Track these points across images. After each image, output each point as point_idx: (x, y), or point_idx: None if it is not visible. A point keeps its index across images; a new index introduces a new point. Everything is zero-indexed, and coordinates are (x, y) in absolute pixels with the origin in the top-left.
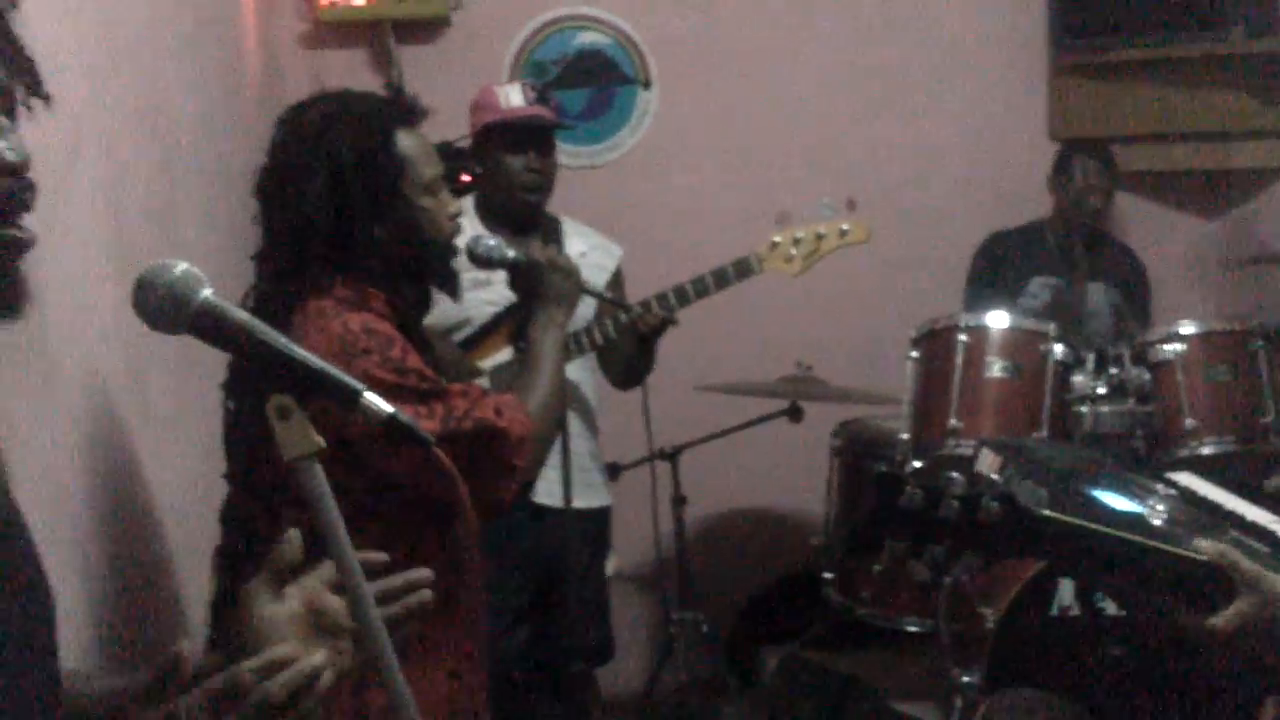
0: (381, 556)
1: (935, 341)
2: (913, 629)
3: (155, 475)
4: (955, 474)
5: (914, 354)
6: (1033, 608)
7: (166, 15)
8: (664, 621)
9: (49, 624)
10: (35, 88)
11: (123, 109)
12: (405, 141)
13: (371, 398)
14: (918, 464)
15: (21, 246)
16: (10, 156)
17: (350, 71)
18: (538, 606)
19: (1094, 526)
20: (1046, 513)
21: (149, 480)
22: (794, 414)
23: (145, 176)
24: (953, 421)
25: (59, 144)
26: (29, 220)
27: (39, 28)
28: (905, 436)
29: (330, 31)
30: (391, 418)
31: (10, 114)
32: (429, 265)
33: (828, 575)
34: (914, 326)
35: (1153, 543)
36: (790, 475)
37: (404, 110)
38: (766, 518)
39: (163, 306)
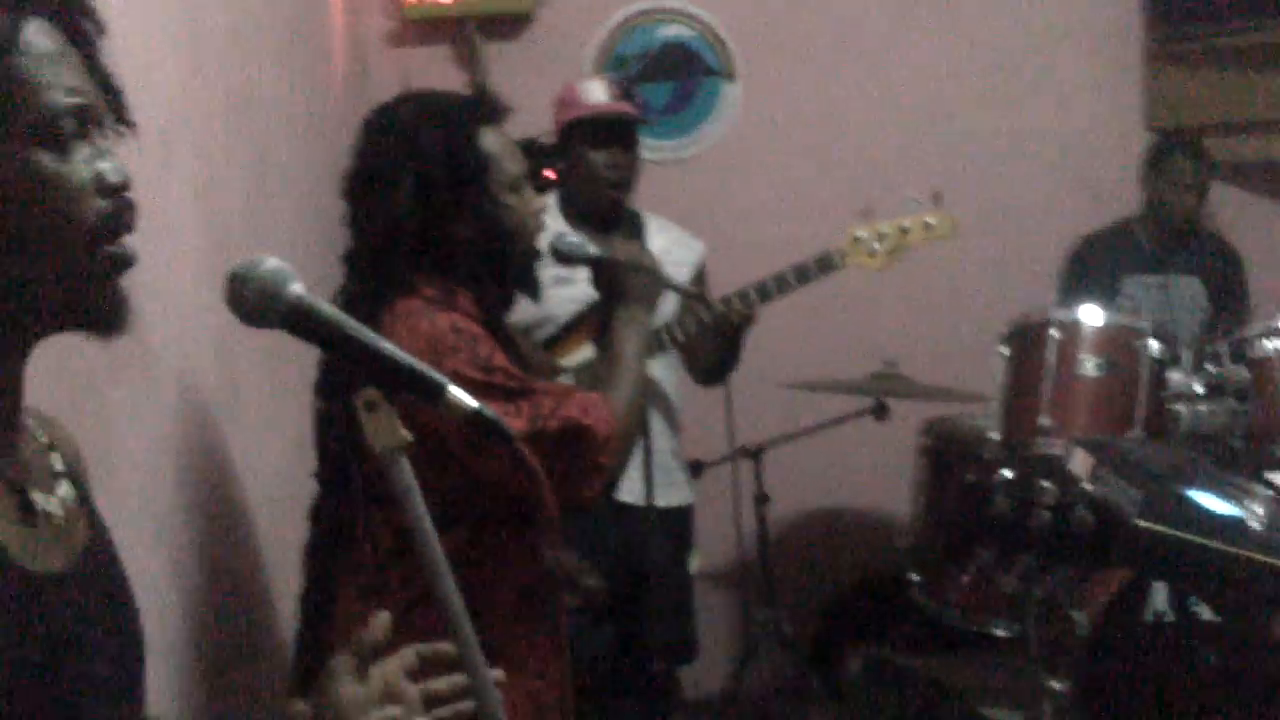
0: (449, 649)
1: (1026, 337)
2: (1002, 634)
3: (247, 473)
4: (1046, 483)
5: (1004, 350)
6: (1125, 614)
7: (256, 15)
8: (746, 621)
9: (134, 663)
10: (121, 116)
11: (213, 110)
12: (489, 140)
13: (456, 392)
14: (1007, 473)
15: (123, 265)
16: (112, 178)
17: (435, 68)
18: (620, 605)
19: (1189, 537)
20: (1141, 523)
21: (241, 478)
22: (879, 412)
23: (237, 176)
24: (1044, 420)
25: (152, 146)
26: (129, 240)
27: (129, 31)
28: (994, 435)
29: (416, 29)
30: (476, 412)
31: (107, 136)
32: (512, 263)
33: (914, 577)
34: (1003, 322)
35: (1249, 553)
36: (875, 474)
37: (488, 108)
38: (850, 517)
39: (254, 300)
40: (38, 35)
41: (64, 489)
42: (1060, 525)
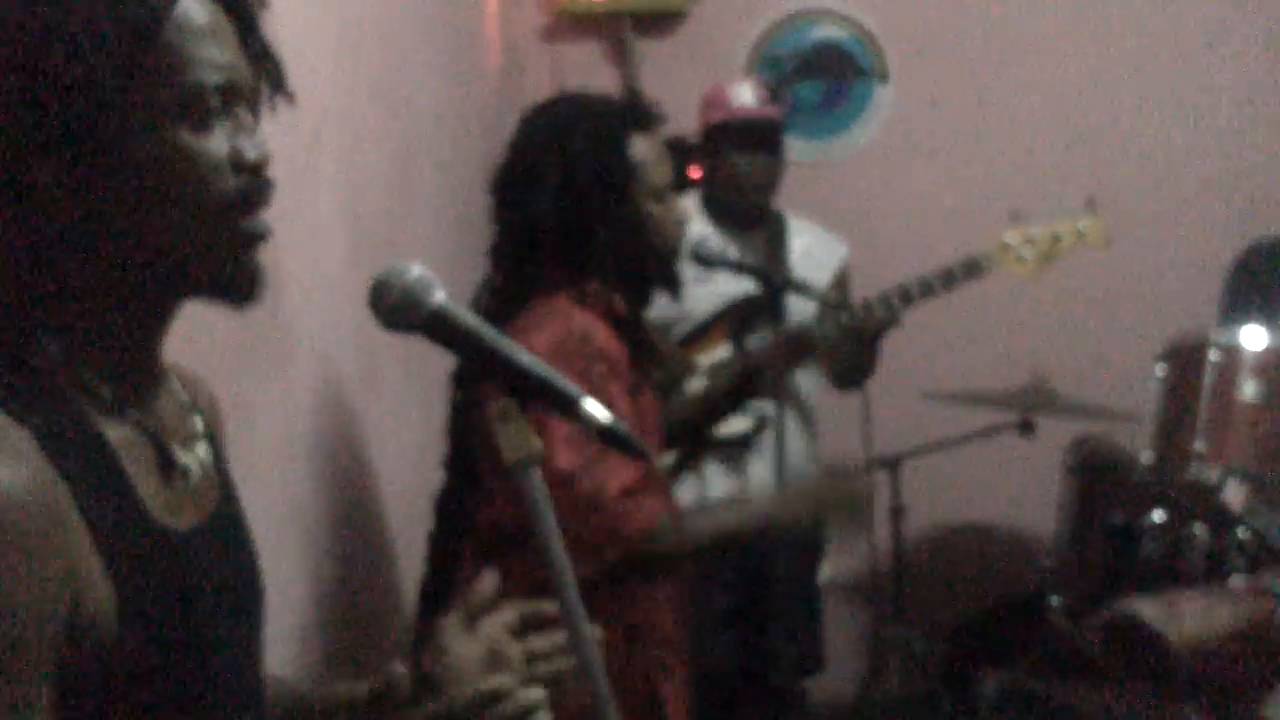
0: (550, 608)
1: (1183, 358)
2: None
3: (382, 464)
4: (1199, 528)
5: (1159, 370)
6: None
7: (410, 7)
8: (876, 636)
9: (255, 622)
10: (279, 86)
11: (363, 99)
12: (639, 147)
13: (591, 404)
14: (1158, 517)
15: (257, 239)
16: (251, 155)
17: (588, 64)
18: (745, 612)
19: None
20: None
21: (375, 468)
22: (1025, 428)
23: (383, 166)
24: (1199, 445)
25: (301, 132)
26: (264, 215)
27: (282, 17)
28: (1146, 459)
29: (569, 24)
30: (609, 427)
31: (255, 111)
32: (652, 269)
33: (1055, 600)
34: (1160, 339)
35: None
36: (1018, 492)
37: (641, 115)
38: (990, 534)
39: (397, 308)
40: (193, 7)
41: (202, 449)
42: (1212, 572)
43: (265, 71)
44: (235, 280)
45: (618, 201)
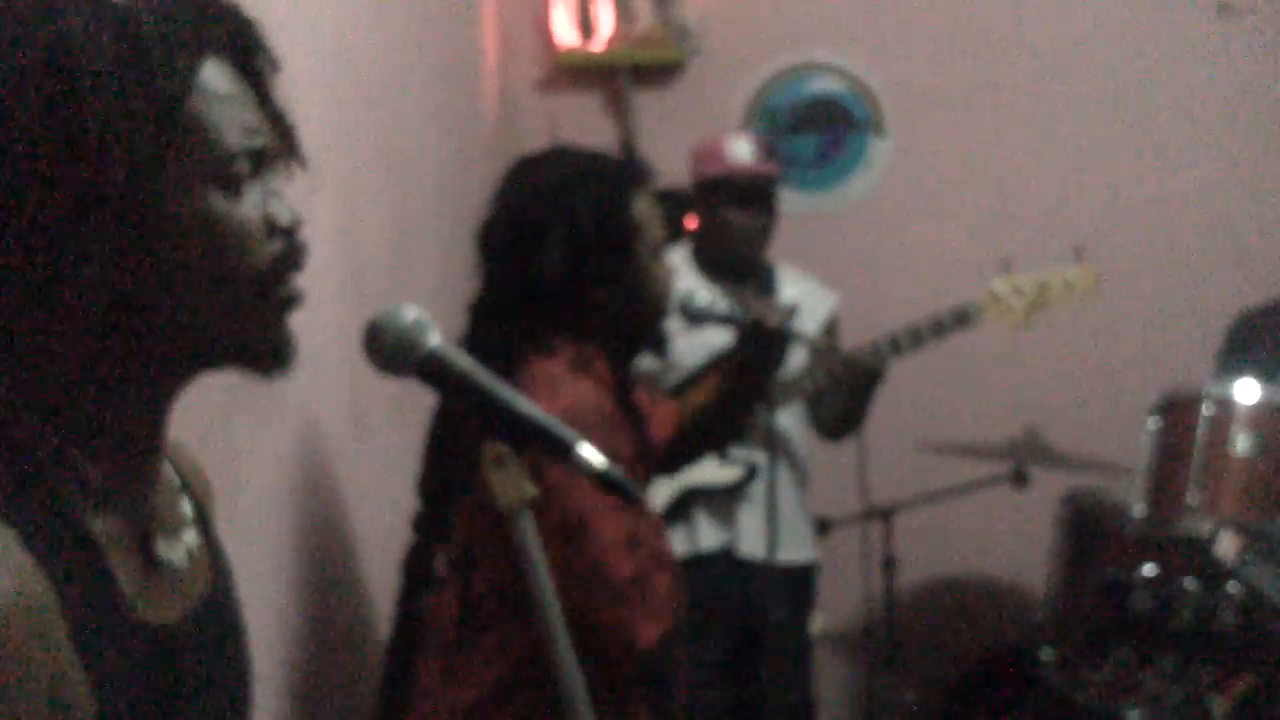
0: None
1: (1176, 411)
2: (1136, 716)
3: (369, 513)
4: (1189, 582)
5: (1152, 423)
6: (1264, 705)
7: (408, 58)
8: (869, 688)
9: (242, 714)
10: (292, 151)
11: (360, 150)
12: (640, 205)
13: (586, 449)
14: (1149, 571)
15: (291, 305)
16: (284, 219)
17: (585, 115)
18: (737, 663)
19: None
20: None
21: (363, 518)
22: (1018, 479)
23: (380, 216)
24: (1191, 498)
25: (297, 185)
26: (297, 280)
27: (283, 69)
28: (1138, 511)
29: (567, 75)
30: (603, 473)
31: (274, 174)
32: (646, 327)
33: (1047, 654)
34: (1153, 391)
35: None
36: (1011, 544)
37: (639, 172)
38: (983, 587)
39: (392, 351)
40: (214, 76)
41: (190, 536)
42: (1203, 625)
43: (281, 136)
44: (268, 350)
45: (622, 262)
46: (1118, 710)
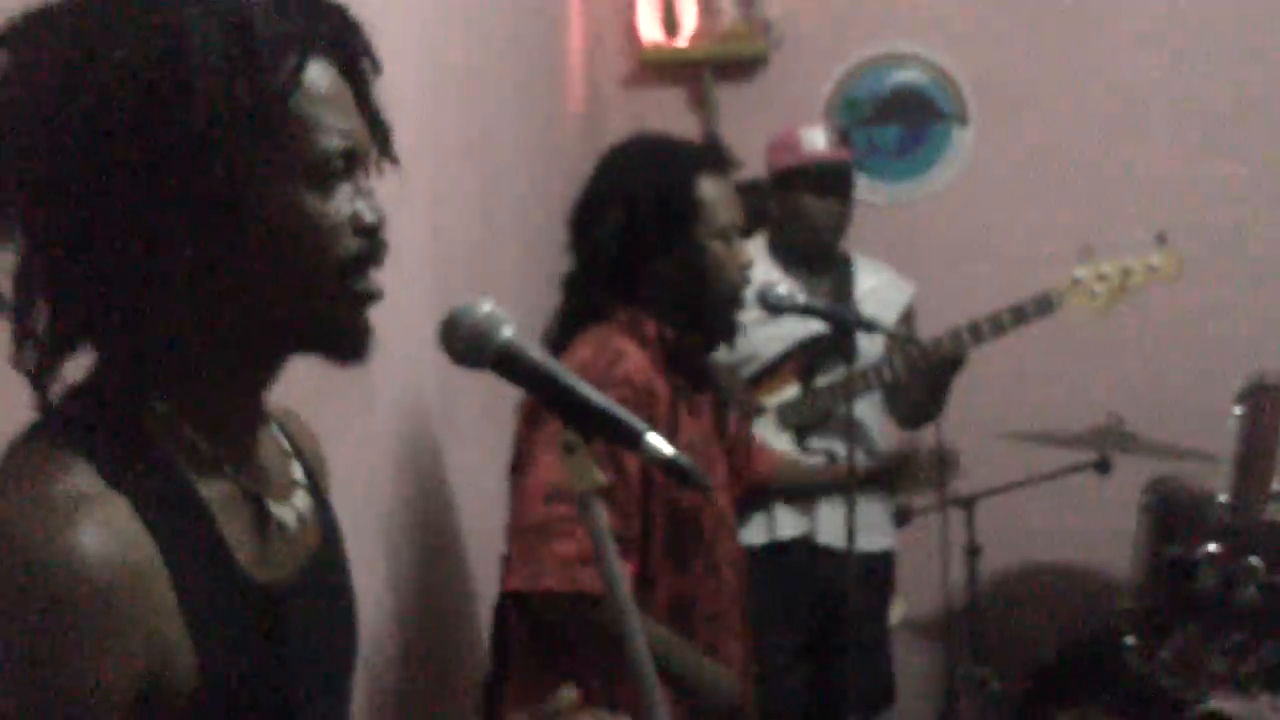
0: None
1: (1263, 397)
2: (1217, 705)
3: (461, 501)
4: (1254, 559)
5: (1237, 409)
6: None
7: (496, 54)
8: (950, 675)
9: (345, 676)
10: (387, 152)
11: (450, 146)
12: (707, 187)
13: (654, 439)
14: (1213, 547)
15: (369, 299)
16: (368, 218)
17: (670, 110)
18: (816, 649)
19: None
20: None
21: (455, 506)
22: (1102, 467)
23: (468, 211)
24: (1277, 485)
25: (389, 179)
26: (377, 276)
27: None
28: (1224, 499)
29: (652, 71)
30: (672, 460)
31: (365, 173)
32: (709, 309)
33: (1129, 640)
34: (1240, 378)
35: None
36: (1095, 532)
37: (712, 157)
38: (1067, 574)
39: (467, 344)
40: (319, 75)
41: (300, 498)
42: (1269, 601)
43: (376, 136)
44: (346, 340)
45: (678, 237)
46: (1201, 695)
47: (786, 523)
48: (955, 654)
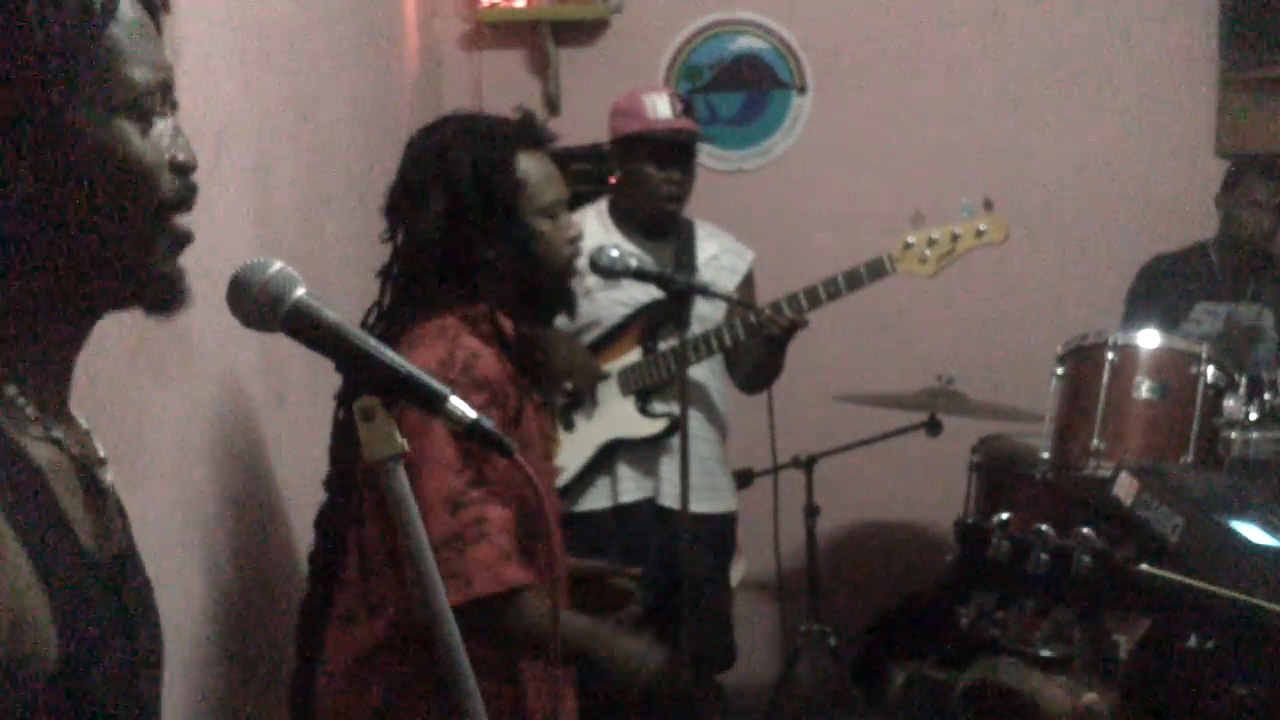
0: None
1: (1082, 359)
2: (1047, 654)
3: (286, 479)
4: (1045, 526)
5: (1059, 370)
6: (1167, 638)
7: (324, 12)
8: (790, 633)
9: (160, 662)
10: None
11: (272, 101)
12: (526, 164)
13: (456, 402)
14: (1004, 516)
15: (184, 241)
16: (183, 156)
17: (508, 72)
18: (660, 610)
19: (1197, 584)
20: (1145, 568)
21: (279, 484)
22: (932, 428)
23: (294, 176)
24: (1095, 442)
25: (207, 133)
26: (186, 220)
27: (190, 16)
28: (1046, 455)
29: (490, 32)
30: (474, 423)
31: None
32: (543, 286)
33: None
34: (1061, 342)
35: (1263, 602)
36: (926, 490)
37: (528, 133)
38: (900, 532)
39: (256, 305)
40: (128, 6)
41: (109, 474)
42: (1059, 569)
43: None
44: (162, 285)
45: (504, 219)
46: (1031, 646)
47: (629, 486)
48: (794, 612)
